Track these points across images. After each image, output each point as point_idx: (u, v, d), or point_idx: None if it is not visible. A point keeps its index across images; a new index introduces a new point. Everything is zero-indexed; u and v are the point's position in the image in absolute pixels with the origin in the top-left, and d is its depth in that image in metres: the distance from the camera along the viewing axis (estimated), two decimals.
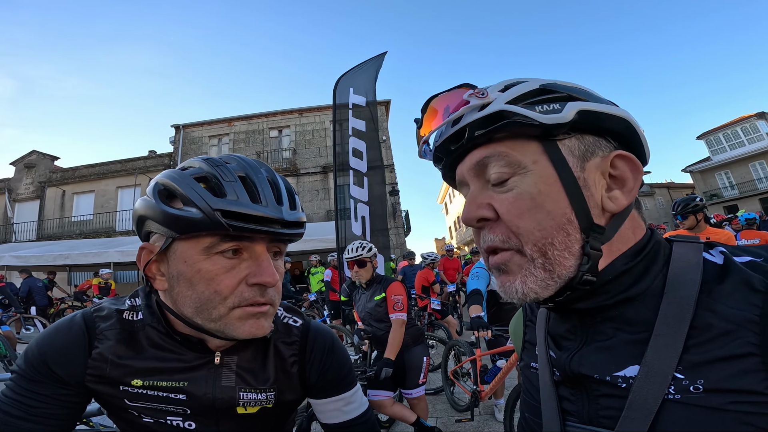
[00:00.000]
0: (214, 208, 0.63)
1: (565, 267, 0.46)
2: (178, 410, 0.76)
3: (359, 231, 6.11)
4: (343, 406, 0.89)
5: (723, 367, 0.39)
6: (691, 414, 0.39)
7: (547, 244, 0.46)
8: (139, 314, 0.78)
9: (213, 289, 0.67)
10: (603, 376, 0.46)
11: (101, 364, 0.73)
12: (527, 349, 0.64)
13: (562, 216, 0.46)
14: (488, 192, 0.51)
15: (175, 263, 0.69)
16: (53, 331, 0.74)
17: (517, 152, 0.48)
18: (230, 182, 0.67)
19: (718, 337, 0.40)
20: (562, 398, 0.52)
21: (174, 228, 0.65)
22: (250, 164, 0.72)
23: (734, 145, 26.25)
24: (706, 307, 0.42)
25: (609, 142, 0.49)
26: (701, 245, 0.48)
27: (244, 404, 0.79)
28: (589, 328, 0.49)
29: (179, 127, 19.38)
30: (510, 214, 0.48)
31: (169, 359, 0.76)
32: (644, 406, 0.41)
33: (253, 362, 0.82)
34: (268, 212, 0.66)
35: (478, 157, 0.50)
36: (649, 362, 0.42)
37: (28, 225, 19.21)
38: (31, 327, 9.05)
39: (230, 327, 0.69)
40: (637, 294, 0.46)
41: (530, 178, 0.47)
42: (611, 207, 0.48)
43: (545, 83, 0.49)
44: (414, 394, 3.08)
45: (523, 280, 0.48)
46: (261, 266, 0.69)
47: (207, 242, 0.66)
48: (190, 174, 0.68)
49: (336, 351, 0.90)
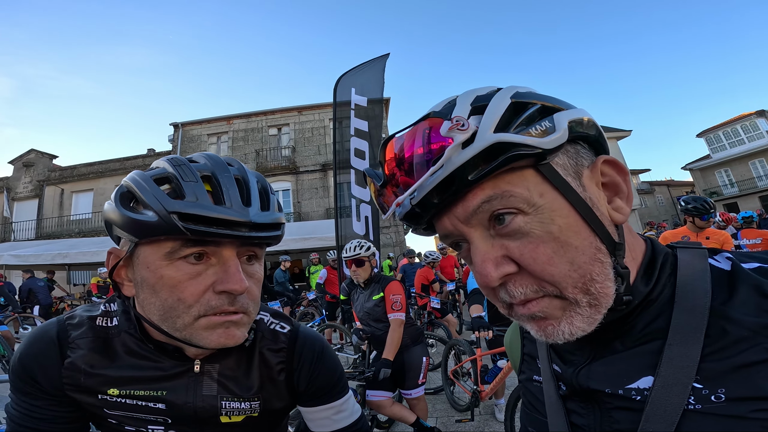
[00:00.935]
0: (169, 211, 0.59)
1: (608, 296, 0.42)
2: (159, 419, 0.73)
3: (362, 230, 6.09)
4: (334, 414, 0.85)
5: (743, 374, 0.37)
6: (715, 424, 0.38)
7: (588, 282, 0.41)
8: (113, 320, 0.75)
9: (176, 297, 0.63)
10: (615, 390, 0.44)
11: (74, 374, 0.71)
12: (527, 362, 0.62)
13: (590, 246, 0.41)
14: (498, 242, 0.43)
15: (139, 269, 0.65)
16: (30, 341, 0.73)
17: (520, 187, 0.41)
18: (190, 182, 0.62)
19: (735, 345, 0.38)
20: (571, 411, 0.50)
21: (133, 232, 0.62)
22: (218, 162, 0.68)
23: (734, 143, 26.22)
24: (719, 314, 0.40)
25: (585, 148, 0.46)
26: (705, 251, 0.47)
27: (227, 413, 0.76)
28: (596, 342, 0.47)
29: (178, 126, 19.34)
30: (538, 263, 0.41)
31: (146, 367, 0.73)
32: (663, 417, 0.39)
33: (236, 370, 0.78)
34: (232, 214, 0.62)
35: (475, 204, 0.42)
36: (664, 373, 0.40)
37: (27, 224, 19.19)
38: (28, 327, 9.05)
39: (197, 336, 0.65)
40: (646, 303, 0.45)
41: (545, 214, 0.41)
42: (619, 218, 0.44)
43: (515, 94, 0.42)
44: (413, 395, 3.06)
45: (569, 322, 0.42)
46: (228, 272, 0.64)
47: (168, 247, 0.62)
48: (151, 175, 0.64)
49: (326, 358, 0.86)
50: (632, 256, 0.46)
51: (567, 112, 0.43)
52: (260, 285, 0.73)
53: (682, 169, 29.86)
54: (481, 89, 0.44)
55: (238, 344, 0.69)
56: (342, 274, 6.14)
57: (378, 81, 6.71)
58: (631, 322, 0.45)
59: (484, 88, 0.45)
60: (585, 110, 0.45)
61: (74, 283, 15.65)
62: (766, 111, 24.80)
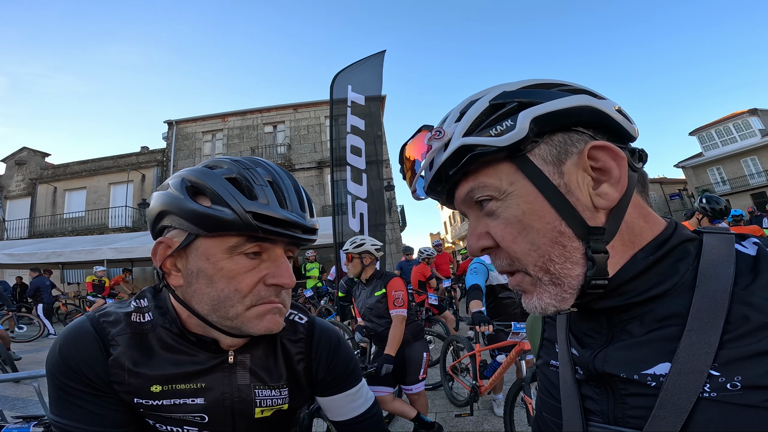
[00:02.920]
0: (247, 210, 0.65)
1: (572, 277, 0.45)
2: (196, 418, 0.75)
3: (357, 227, 6.09)
4: (350, 402, 0.89)
5: (762, 362, 0.37)
6: (728, 413, 0.37)
7: (547, 261, 0.46)
8: (146, 315, 0.76)
9: (233, 288, 0.68)
10: (630, 375, 0.44)
11: (119, 371, 0.71)
12: (546, 347, 0.62)
13: (552, 230, 0.45)
14: (484, 221, 0.51)
15: (196, 260, 0.69)
16: (68, 340, 0.72)
17: (493, 178, 0.48)
18: (261, 186, 0.68)
19: (756, 331, 0.38)
20: (585, 397, 0.50)
21: (201, 225, 0.66)
22: (277, 170, 0.74)
23: (726, 141, 26.43)
24: (741, 300, 0.40)
25: (582, 133, 0.47)
26: (732, 236, 0.46)
27: (260, 402, 0.79)
28: (616, 325, 0.48)
29: (172, 123, 19.21)
30: (505, 241, 0.48)
31: (183, 362, 0.75)
32: (677, 404, 0.39)
33: (265, 360, 0.82)
34: (294, 217, 0.69)
35: (464, 192, 0.51)
36: (681, 359, 0.40)
37: (20, 222, 19.00)
38: (24, 326, 8.97)
39: (247, 324, 0.70)
40: (666, 290, 0.44)
41: (512, 200, 0.47)
42: (603, 204, 0.45)
43: (494, 96, 0.47)
44: (414, 390, 3.08)
45: (539, 297, 0.48)
46: (280, 268, 0.71)
47: (232, 242, 0.67)
48: (221, 173, 0.69)
49: (342, 347, 0.90)
50: (631, 240, 0.47)
51: (536, 108, 0.45)
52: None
53: (674, 166, 30.11)
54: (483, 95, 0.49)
55: (279, 330, 0.74)
56: (341, 270, 6.14)
57: (375, 79, 6.71)
58: (651, 307, 0.45)
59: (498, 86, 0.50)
60: (586, 96, 0.46)
61: (68, 282, 15.52)
62: (758, 110, 25.03)
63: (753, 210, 13.84)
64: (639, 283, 0.45)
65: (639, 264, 0.45)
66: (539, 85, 0.48)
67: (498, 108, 0.46)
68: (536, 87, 0.48)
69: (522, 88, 0.48)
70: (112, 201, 18.80)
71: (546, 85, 0.48)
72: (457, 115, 0.49)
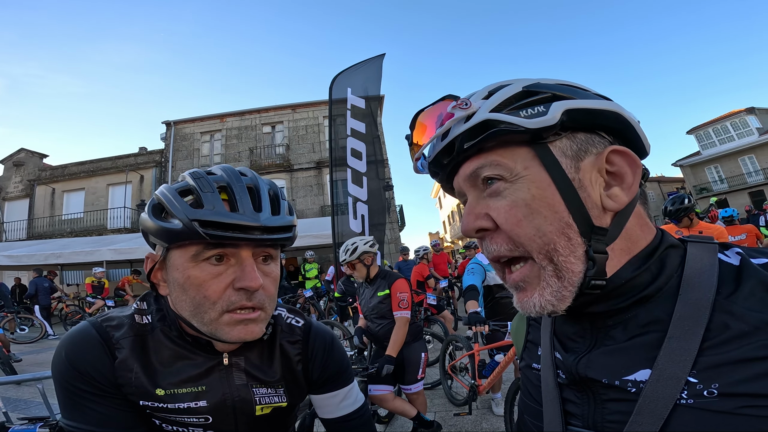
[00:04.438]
0: (191, 219, 0.67)
1: (574, 273, 0.45)
2: (200, 419, 0.79)
3: (358, 228, 6.10)
4: (340, 401, 0.94)
5: (739, 369, 0.37)
6: (702, 419, 0.38)
7: (551, 250, 0.45)
8: (147, 317, 0.80)
9: (203, 295, 0.71)
10: (612, 381, 0.45)
11: (126, 373, 0.75)
12: (529, 349, 0.63)
13: (560, 220, 0.45)
14: (485, 201, 0.50)
15: (171, 270, 0.73)
16: (72, 345, 0.75)
17: (508, 159, 0.47)
18: (208, 193, 0.71)
19: (735, 339, 0.38)
20: (566, 401, 0.51)
21: (163, 239, 0.71)
22: (233, 174, 0.76)
23: (724, 139, 26.53)
24: (722, 308, 0.40)
25: (603, 137, 0.48)
26: (716, 246, 0.47)
27: (260, 400, 0.83)
28: (599, 330, 0.48)
29: (170, 124, 19.16)
30: (508, 222, 0.47)
31: (183, 365, 0.78)
32: (654, 411, 0.40)
33: (260, 361, 0.86)
34: (244, 220, 0.70)
35: (471, 168, 0.50)
36: (661, 366, 0.40)
37: (18, 224, 18.93)
38: (25, 327, 8.94)
39: (221, 331, 0.72)
40: (650, 295, 0.45)
41: (523, 184, 0.47)
42: (612, 206, 0.46)
43: (529, 84, 0.48)
44: (413, 389, 3.11)
45: (541, 293, 0.47)
46: (244, 271, 0.71)
47: (193, 250, 0.70)
48: (175, 188, 0.73)
49: (335, 348, 0.96)
50: (628, 246, 0.47)
51: (571, 101, 0.46)
52: (276, 283, 0.80)
53: (672, 165, 30.14)
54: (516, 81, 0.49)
55: (257, 338, 0.76)
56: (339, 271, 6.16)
57: (374, 81, 6.72)
58: (635, 313, 0.46)
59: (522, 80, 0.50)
60: (616, 104, 0.48)
61: (67, 283, 15.47)
62: (755, 108, 25.09)
63: (750, 208, 13.86)
64: (628, 288, 0.46)
65: (631, 270, 0.46)
66: (571, 85, 0.50)
67: (531, 94, 0.47)
68: (569, 86, 0.49)
69: (557, 83, 0.49)
70: (110, 202, 18.75)
71: (578, 88, 0.49)
72: (485, 93, 0.49)
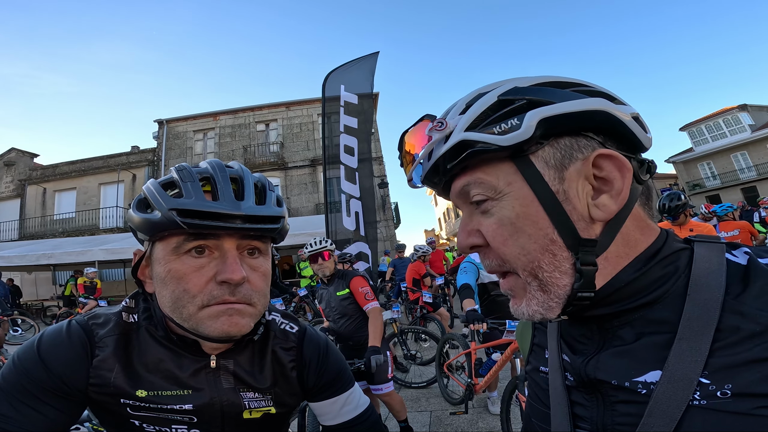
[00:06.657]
0: (169, 208, 0.65)
1: (560, 287, 0.45)
2: (185, 419, 0.76)
3: (352, 226, 6.08)
4: (340, 407, 0.90)
5: (752, 370, 0.37)
6: (717, 420, 0.37)
7: (536, 268, 0.45)
8: (134, 316, 0.78)
9: (182, 288, 0.68)
10: (621, 382, 0.44)
11: (104, 373, 0.72)
12: (535, 352, 0.62)
13: (544, 237, 0.44)
14: (477, 218, 0.50)
15: (155, 265, 0.71)
16: (52, 341, 0.71)
17: (491, 176, 0.46)
18: (188, 183, 0.69)
19: (746, 340, 0.38)
20: (574, 403, 0.49)
21: (144, 231, 0.69)
22: (217, 165, 0.73)
23: (716, 136, 26.71)
24: (732, 309, 0.40)
25: (591, 139, 0.45)
26: (723, 246, 0.46)
27: (248, 404, 0.80)
28: (607, 331, 0.47)
29: (162, 122, 19.05)
30: (495, 241, 0.47)
31: (167, 367, 0.75)
32: (666, 412, 0.39)
33: (250, 366, 0.82)
34: (223, 208, 0.67)
35: (459, 186, 0.50)
36: (672, 367, 0.40)
37: (9, 224, 18.76)
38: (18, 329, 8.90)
39: (202, 326, 0.69)
40: (658, 297, 0.44)
41: (507, 201, 0.46)
42: (600, 216, 0.44)
43: (504, 92, 0.45)
44: (384, 389, 3.05)
45: (528, 303, 0.47)
46: (226, 263, 0.69)
47: (174, 242, 0.68)
48: (160, 182, 0.71)
49: (330, 354, 0.92)
50: (625, 251, 0.46)
51: (545, 108, 0.43)
52: (267, 278, 0.77)
53: (665, 161, 30.36)
54: (492, 89, 0.47)
55: (243, 334, 0.71)
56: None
57: (367, 79, 6.70)
58: (643, 314, 0.44)
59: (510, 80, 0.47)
60: (601, 100, 0.43)
61: (60, 284, 15.36)
62: (748, 105, 25.33)
63: (743, 205, 13.97)
64: (631, 291, 0.45)
65: (628, 276, 0.45)
66: (554, 83, 0.46)
67: (506, 104, 0.44)
68: (550, 85, 0.45)
69: (534, 85, 0.45)
70: (102, 201, 18.61)
71: (561, 84, 0.46)
72: (463, 107, 0.47)
